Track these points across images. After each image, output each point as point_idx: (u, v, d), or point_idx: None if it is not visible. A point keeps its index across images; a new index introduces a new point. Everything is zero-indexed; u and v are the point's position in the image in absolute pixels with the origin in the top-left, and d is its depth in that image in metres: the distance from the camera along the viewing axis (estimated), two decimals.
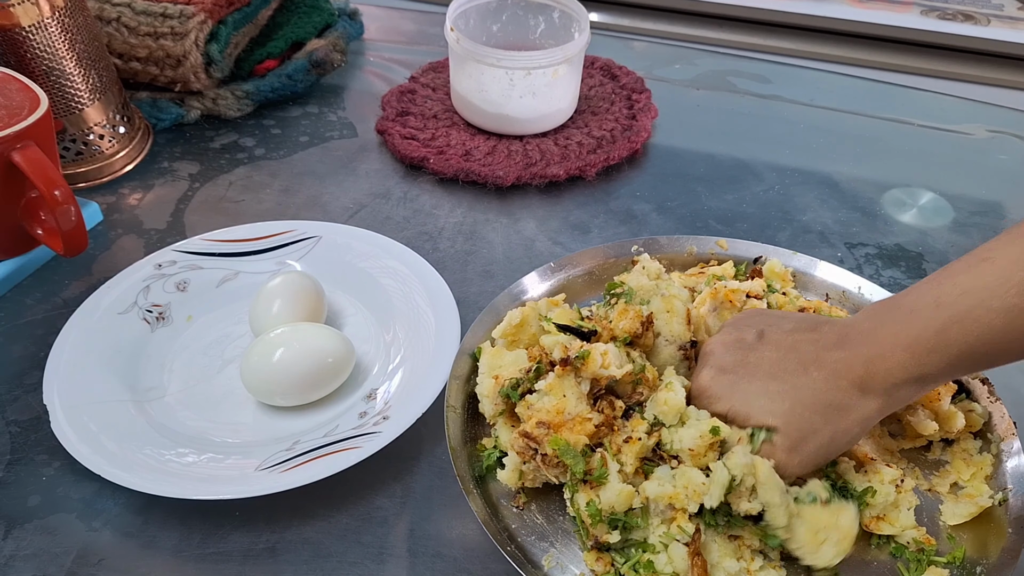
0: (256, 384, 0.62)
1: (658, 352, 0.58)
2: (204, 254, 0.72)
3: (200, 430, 0.62)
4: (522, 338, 0.61)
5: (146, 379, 0.65)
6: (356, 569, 0.54)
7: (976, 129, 0.93)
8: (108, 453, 0.57)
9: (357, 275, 0.71)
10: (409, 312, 0.68)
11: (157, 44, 0.86)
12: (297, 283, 0.67)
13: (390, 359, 0.66)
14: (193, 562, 0.55)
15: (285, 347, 0.62)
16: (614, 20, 1.38)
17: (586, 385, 0.54)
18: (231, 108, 0.91)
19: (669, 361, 0.58)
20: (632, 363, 0.55)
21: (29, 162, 0.65)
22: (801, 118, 0.95)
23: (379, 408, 0.61)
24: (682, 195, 0.84)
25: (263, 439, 0.61)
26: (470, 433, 0.59)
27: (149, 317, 0.68)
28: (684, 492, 0.51)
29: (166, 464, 0.57)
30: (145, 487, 0.55)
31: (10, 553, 0.55)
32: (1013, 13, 1.33)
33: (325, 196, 0.83)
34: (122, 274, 0.70)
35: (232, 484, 0.56)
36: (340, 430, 0.60)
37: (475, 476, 0.56)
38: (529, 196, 0.84)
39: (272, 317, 0.65)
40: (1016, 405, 0.63)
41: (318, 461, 0.57)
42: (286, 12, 0.98)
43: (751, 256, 0.70)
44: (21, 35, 0.73)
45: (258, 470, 0.57)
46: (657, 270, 0.63)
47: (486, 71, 0.84)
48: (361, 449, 0.57)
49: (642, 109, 0.91)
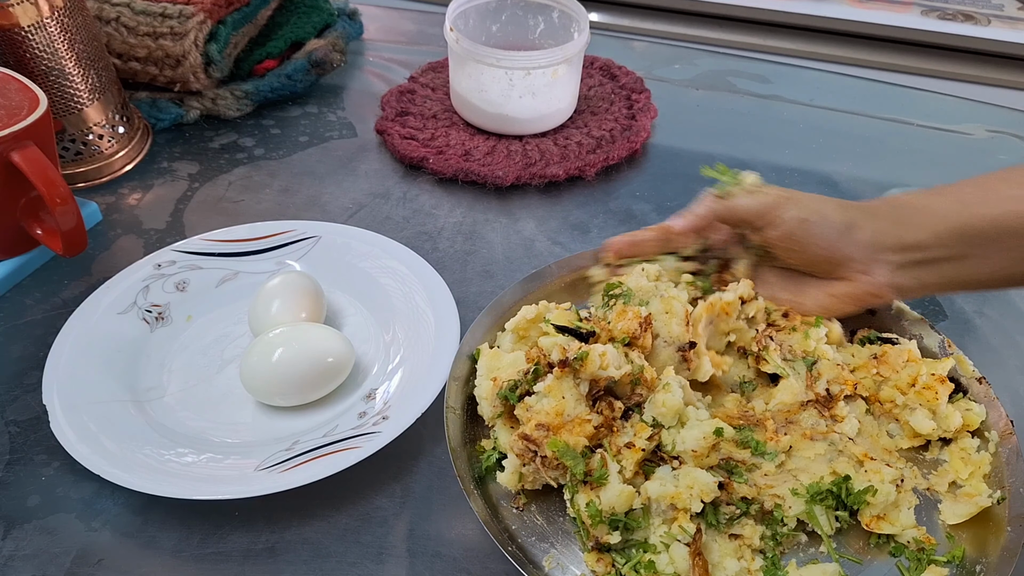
0: (255, 384, 0.62)
1: (657, 353, 0.58)
2: (204, 254, 0.72)
3: (199, 430, 0.62)
4: (532, 335, 0.61)
5: (146, 379, 0.65)
6: (355, 569, 0.54)
7: (976, 129, 0.93)
8: (107, 453, 0.57)
9: (357, 275, 0.71)
10: (409, 312, 0.68)
11: (156, 44, 0.86)
12: (296, 283, 0.67)
13: (390, 359, 0.66)
14: (192, 562, 0.55)
15: (284, 347, 0.62)
16: (614, 20, 1.38)
17: (585, 386, 0.54)
18: (230, 108, 0.91)
19: (668, 362, 0.58)
20: (631, 364, 0.55)
21: (28, 162, 0.65)
22: (801, 118, 0.95)
23: (378, 408, 0.61)
24: (681, 195, 0.84)
25: (263, 439, 0.61)
26: (470, 434, 0.59)
27: (148, 317, 0.68)
28: (688, 492, 0.51)
29: (165, 464, 0.57)
30: (144, 487, 0.55)
31: (9, 553, 0.55)
32: (1013, 13, 1.33)
33: (324, 196, 0.83)
34: (121, 274, 0.70)
35: (231, 484, 0.56)
36: (340, 430, 0.60)
37: (475, 477, 0.56)
38: (529, 196, 0.84)
39: (271, 317, 0.65)
40: (1014, 404, 0.63)
41: (317, 461, 0.57)
42: (285, 12, 0.98)
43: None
44: (20, 35, 0.73)
45: (257, 470, 0.57)
46: (656, 272, 0.63)
47: (486, 71, 0.84)
48: (361, 449, 0.57)
49: (641, 109, 0.91)
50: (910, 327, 0.64)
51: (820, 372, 0.59)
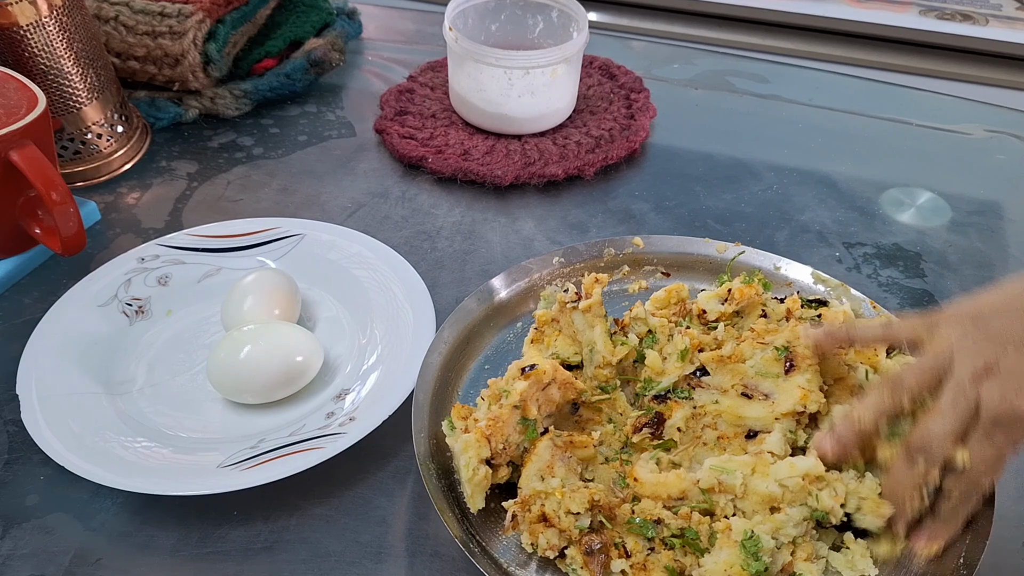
0: (222, 381, 0.62)
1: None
2: (188, 249, 0.72)
3: (167, 424, 0.62)
4: (550, 335, 0.62)
5: (119, 372, 0.65)
6: (354, 568, 0.54)
7: (974, 129, 0.93)
8: (72, 443, 0.57)
9: (338, 274, 0.71)
10: (388, 315, 0.67)
11: (155, 43, 0.85)
12: (271, 281, 0.67)
13: (365, 360, 0.65)
14: (191, 561, 0.55)
15: (252, 345, 0.61)
16: (613, 19, 1.38)
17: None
18: (229, 107, 0.90)
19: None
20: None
21: (27, 161, 0.65)
22: (800, 118, 0.95)
23: (347, 409, 0.61)
24: (680, 195, 0.84)
25: (231, 436, 0.61)
26: (447, 482, 0.56)
27: (129, 311, 0.69)
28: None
29: (127, 456, 0.57)
30: (101, 478, 0.55)
31: (8, 553, 0.55)
32: (1011, 13, 1.33)
33: (323, 195, 0.83)
34: (105, 267, 0.70)
35: (189, 480, 0.56)
36: (306, 430, 0.60)
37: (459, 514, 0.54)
38: (528, 195, 0.84)
39: (243, 314, 0.64)
40: None
41: (279, 461, 0.56)
42: (284, 11, 0.98)
43: (671, 252, 0.71)
44: (19, 34, 0.73)
45: (220, 467, 0.57)
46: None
47: (485, 70, 0.84)
48: (323, 450, 0.56)
49: (640, 109, 0.91)
50: (833, 293, 0.66)
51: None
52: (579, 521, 0.51)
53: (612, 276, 0.70)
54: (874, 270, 0.76)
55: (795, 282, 0.69)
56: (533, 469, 0.53)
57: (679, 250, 0.71)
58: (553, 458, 0.54)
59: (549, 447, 0.54)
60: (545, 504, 0.51)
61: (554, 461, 0.54)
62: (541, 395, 0.55)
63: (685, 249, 0.71)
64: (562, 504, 0.51)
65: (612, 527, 0.52)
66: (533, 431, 0.54)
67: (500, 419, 0.53)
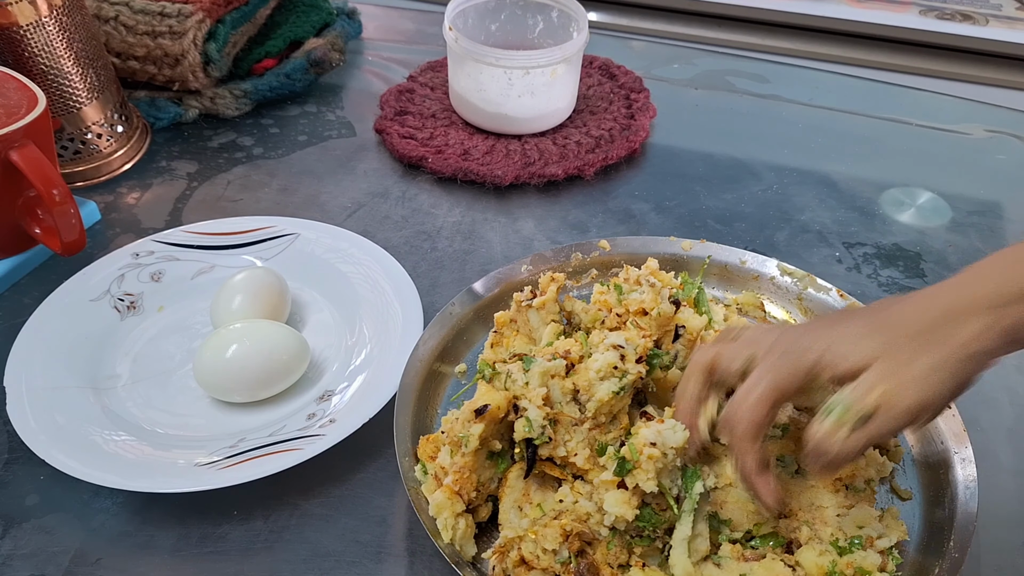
0: (208, 379, 0.62)
1: None
2: (183, 246, 0.73)
3: (148, 420, 0.62)
4: (508, 336, 0.62)
5: (107, 367, 0.65)
6: (354, 568, 0.54)
7: (974, 129, 0.93)
8: (55, 435, 0.57)
9: (330, 275, 0.71)
10: (378, 318, 0.67)
11: (155, 43, 0.85)
12: (260, 279, 0.67)
13: (352, 361, 0.65)
14: (191, 561, 0.55)
15: (239, 343, 0.61)
16: (613, 19, 1.38)
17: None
18: (229, 107, 0.90)
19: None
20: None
21: (27, 161, 0.65)
22: (800, 118, 0.95)
23: (329, 411, 0.61)
24: (680, 195, 0.84)
25: (213, 434, 0.61)
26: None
27: (120, 306, 0.69)
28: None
29: (106, 449, 0.57)
30: (76, 471, 0.55)
31: (8, 552, 0.55)
32: (1011, 13, 1.33)
33: (323, 195, 0.83)
34: (99, 262, 0.70)
35: (165, 477, 0.56)
36: (286, 430, 0.60)
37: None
38: (527, 195, 0.84)
39: (232, 313, 0.64)
40: (1013, 405, 0.63)
41: (255, 461, 0.56)
42: (284, 11, 0.98)
43: (637, 253, 0.70)
44: (19, 34, 0.73)
45: (197, 465, 0.57)
46: None
47: (485, 70, 0.84)
48: (300, 452, 0.56)
49: (640, 109, 0.91)
50: (800, 284, 0.67)
51: None
52: (558, 556, 0.50)
53: (580, 281, 0.70)
54: (874, 270, 0.76)
55: (761, 275, 0.69)
56: (509, 502, 0.53)
57: (645, 250, 0.71)
58: (528, 484, 0.53)
59: (520, 475, 0.53)
60: (521, 548, 0.51)
61: (528, 487, 0.53)
62: (502, 426, 0.53)
63: (651, 249, 0.71)
64: (537, 543, 0.50)
65: (593, 552, 0.51)
66: (504, 462, 0.54)
67: (465, 468, 0.52)
